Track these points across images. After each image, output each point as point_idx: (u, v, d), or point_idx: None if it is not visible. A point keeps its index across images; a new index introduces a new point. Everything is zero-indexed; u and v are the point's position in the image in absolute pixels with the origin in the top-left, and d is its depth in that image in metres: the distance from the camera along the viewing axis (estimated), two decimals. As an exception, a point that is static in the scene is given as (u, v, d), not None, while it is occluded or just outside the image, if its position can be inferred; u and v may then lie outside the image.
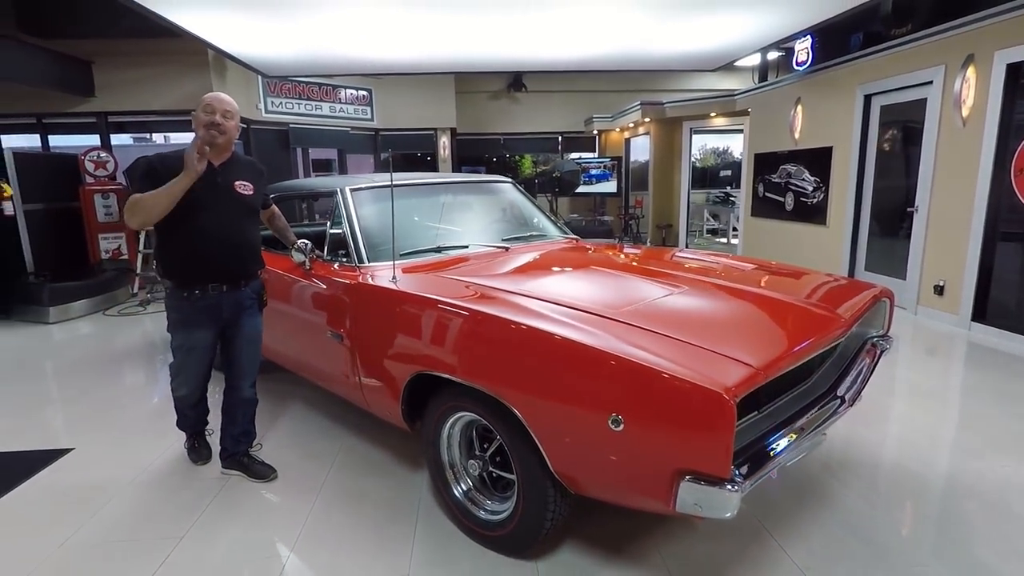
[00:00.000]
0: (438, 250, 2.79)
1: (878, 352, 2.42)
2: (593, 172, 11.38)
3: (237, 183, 2.36)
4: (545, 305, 1.94)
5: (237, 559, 2.07)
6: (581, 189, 11.39)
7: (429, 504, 2.35)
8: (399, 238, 2.87)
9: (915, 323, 5.11)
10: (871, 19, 5.90)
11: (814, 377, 2.08)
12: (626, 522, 2.21)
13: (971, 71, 4.62)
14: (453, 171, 11.14)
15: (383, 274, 2.42)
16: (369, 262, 2.59)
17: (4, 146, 5.93)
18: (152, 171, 2.19)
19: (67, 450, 2.89)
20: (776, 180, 7.47)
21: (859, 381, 2.11)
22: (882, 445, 2.86)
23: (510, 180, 3.71)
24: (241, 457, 2.62)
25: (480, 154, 12.54)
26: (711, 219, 11.86)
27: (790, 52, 7.25)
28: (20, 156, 5.93)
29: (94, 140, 7.41)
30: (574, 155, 12.20)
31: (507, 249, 2.92)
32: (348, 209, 2.78)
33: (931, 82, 5.01)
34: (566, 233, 3.51)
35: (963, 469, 2.59)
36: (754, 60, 8.45)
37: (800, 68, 6.85)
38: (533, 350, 1.76)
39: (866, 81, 5.82)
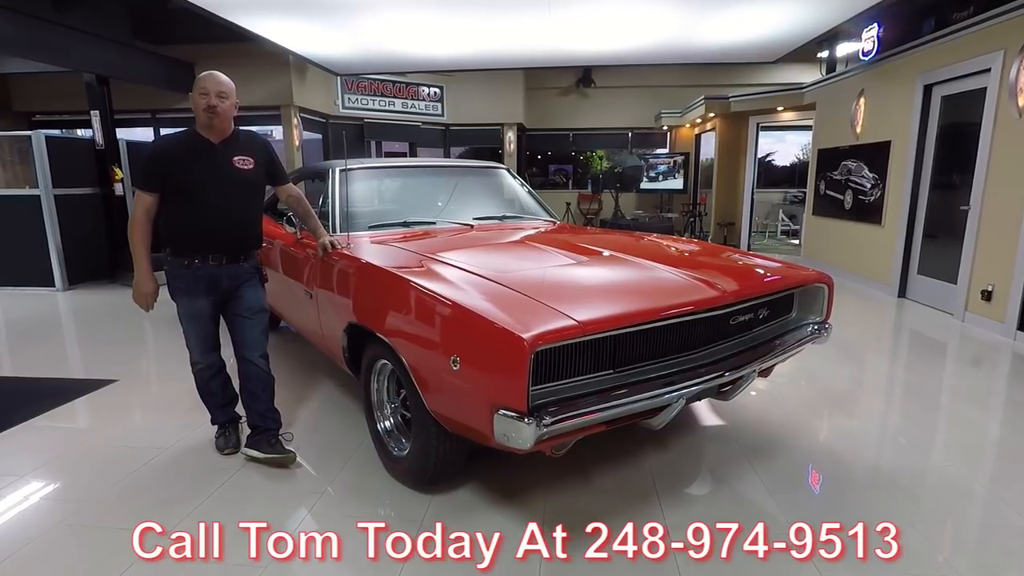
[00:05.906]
0: (406, 224, 3.11)
1: (800, 337, 2.43)
2: (660, 168, 11.22)
3: (236, 158, 2.42)
4: (447, 268, 2.20)
5: (201, 469, 2.51)
6: (647, 185, 11.30)
7: (370, 444, 2.68)
8: (377, 213, 3.25)
9: (961, 330, 4.73)
10: (938, 4, 5.47)
11: (702, 350, 2.15)
12: (530, 475, 2.41)
13: (1030, 56, 4.22)
14: (519, 166, 11.51)
15: (344, 241, 2.77)
16: (341, 232, 2.95)
17: (124, 138, 7.02)
18: (157, 165, 2.35)
19: (112, 380, 3.54)
20: (837, 177, 7.08)
21: (752, 361, 2.16)
22: (837, 442, 2.81)
23: (505, 167, 3.96)
24: (270, 438, 2.55)
25: (550, 150, 12.75)
26: (786, 219, 11.27)
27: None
28: (131, 145, 7.03)
29: (196, 132, 8.51)
30: (661, 151, 12.08)
31: (472, 227, 3.19)
32: (334, 186, 3.16)
33: (989, 70, 4.61)
34: (552, 217, 3.71)
35: (908, 466, 2.52)
36: (824, 52, 8.01)
37: (865, 58, 6.45)
38: (407, 299, 2.03)
39: (926, 70, 5.41)
